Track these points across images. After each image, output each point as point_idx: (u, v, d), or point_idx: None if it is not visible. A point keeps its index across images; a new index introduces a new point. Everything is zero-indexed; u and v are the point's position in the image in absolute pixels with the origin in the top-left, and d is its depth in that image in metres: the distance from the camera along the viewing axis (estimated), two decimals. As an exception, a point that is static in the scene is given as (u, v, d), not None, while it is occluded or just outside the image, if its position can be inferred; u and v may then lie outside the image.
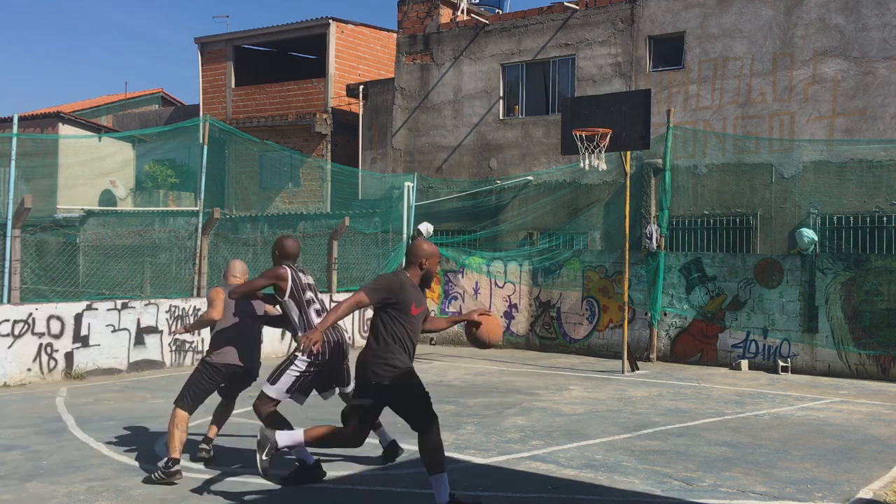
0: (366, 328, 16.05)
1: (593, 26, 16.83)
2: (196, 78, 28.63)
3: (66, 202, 22.18)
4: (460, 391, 10.92)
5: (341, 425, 6.09)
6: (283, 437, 5.78)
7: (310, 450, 6.45)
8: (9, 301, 11.13)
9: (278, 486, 6.33)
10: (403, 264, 6.37)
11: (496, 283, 16.38)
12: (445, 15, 19.27)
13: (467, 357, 14.80)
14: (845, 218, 14.06)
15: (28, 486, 6.28)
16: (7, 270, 11.21)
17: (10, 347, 10.83)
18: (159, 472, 6.34)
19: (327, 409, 9.48)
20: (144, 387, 10.94)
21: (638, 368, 13.29)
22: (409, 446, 7.67)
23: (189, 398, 6.62)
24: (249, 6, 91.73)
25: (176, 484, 6.27)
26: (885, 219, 13.72)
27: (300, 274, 6.68)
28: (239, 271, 7.16)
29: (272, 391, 6.35)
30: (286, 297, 6.49)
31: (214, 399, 7.03)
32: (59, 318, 11.39)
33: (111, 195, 25.10)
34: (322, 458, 7.19)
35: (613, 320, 15.02)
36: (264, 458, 5.72)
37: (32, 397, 10.02)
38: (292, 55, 27.76)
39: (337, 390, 6.76)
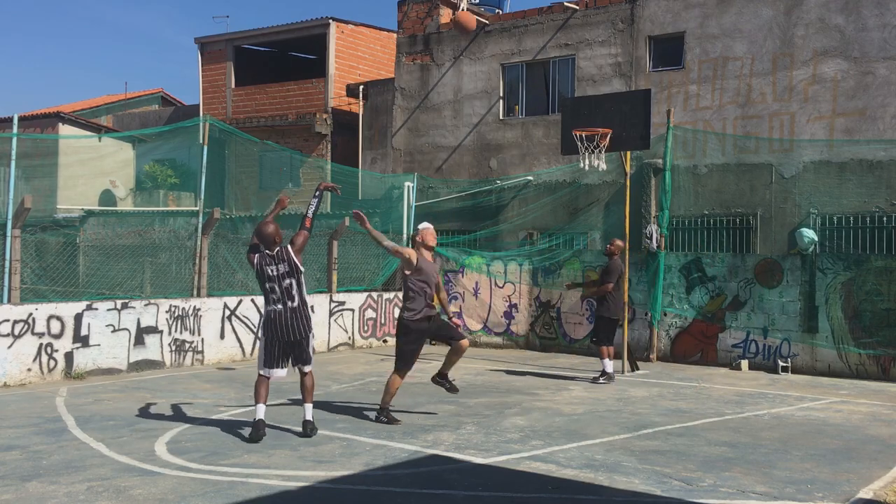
0: (366, 327, 16.05)
1: (593, 26, 16.83)
2: (196, 78, 28.63)
3: (66, 202, 22.17)
4: (460, 391, 10.91)
5: None
6: None
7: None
8: (9, 301, 11.13)
9: (278, 486, 6.32)
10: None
11: (496, 283, 16.39)
12: (445, 15, 19.25)
13: (467, 357, 14.77)
14: (845, 218, 14.06)
15: (28, 486, 6.28)
16: (7, 270, 11.21)
17: (10, 347, 10.83)
18: None
19: (326, 408, 9.48)
20: (144, 387, 10.93)
21: (638, 368, 13.29)
22: (409, 446, 7.67)
23: None
24: (249, 6, 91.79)
25: None
26: (885, 219, 13.72)
27: None
28: None
29: None
30: None
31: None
32: (59, 318, 11.39)
33: (111, 195, 25.09)
34: (321, 458, 7.19)
35: (613, 320, 15.00)
36: None
37: (32, 397, 10.02)
38: (292, 55, 27.76)
39: None
